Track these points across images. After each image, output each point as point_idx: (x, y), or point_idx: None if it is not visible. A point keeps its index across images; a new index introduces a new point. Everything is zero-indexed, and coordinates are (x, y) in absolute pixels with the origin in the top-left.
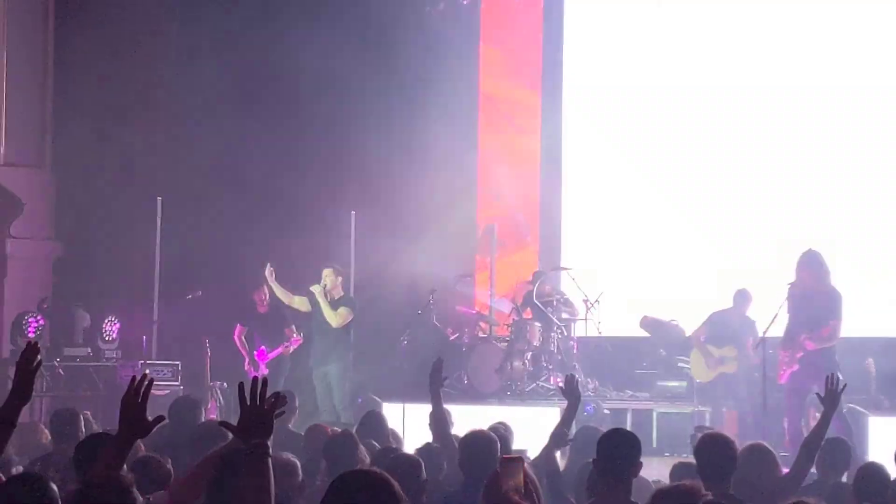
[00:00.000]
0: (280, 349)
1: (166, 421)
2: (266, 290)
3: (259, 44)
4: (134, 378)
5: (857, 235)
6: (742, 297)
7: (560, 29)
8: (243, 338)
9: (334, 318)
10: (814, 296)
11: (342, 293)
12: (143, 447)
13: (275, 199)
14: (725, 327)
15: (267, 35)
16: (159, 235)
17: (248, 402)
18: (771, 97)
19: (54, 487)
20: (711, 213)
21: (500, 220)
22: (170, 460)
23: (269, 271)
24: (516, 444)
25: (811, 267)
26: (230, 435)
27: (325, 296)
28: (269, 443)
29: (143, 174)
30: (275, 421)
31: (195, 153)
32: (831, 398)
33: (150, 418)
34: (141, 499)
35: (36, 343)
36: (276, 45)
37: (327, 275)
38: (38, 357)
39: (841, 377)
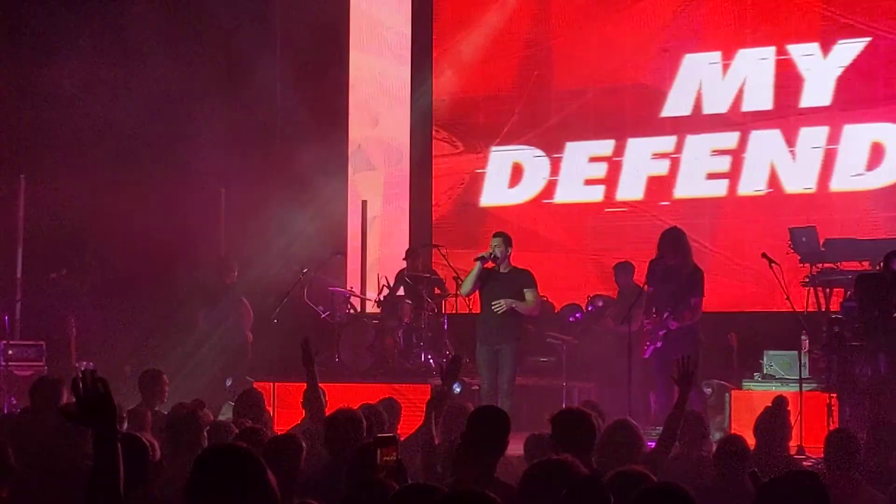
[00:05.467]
0: None
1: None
2: None
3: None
4: None
5: (725, 213)
6: (624, 270)
7: None
8: None
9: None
10: (676, 273)
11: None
12: None
13: (141, 177)
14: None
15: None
16: (22, 213)
17: (82, 395)
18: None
19: None
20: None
21: (372, 196)
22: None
23: None
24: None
25: (674, 244)
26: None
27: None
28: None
29: (6, 151)
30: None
31: (60, 131)
32: (684, 379)
33: None
34: None
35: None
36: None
37: (497, 245)
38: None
39: (700, 355)
